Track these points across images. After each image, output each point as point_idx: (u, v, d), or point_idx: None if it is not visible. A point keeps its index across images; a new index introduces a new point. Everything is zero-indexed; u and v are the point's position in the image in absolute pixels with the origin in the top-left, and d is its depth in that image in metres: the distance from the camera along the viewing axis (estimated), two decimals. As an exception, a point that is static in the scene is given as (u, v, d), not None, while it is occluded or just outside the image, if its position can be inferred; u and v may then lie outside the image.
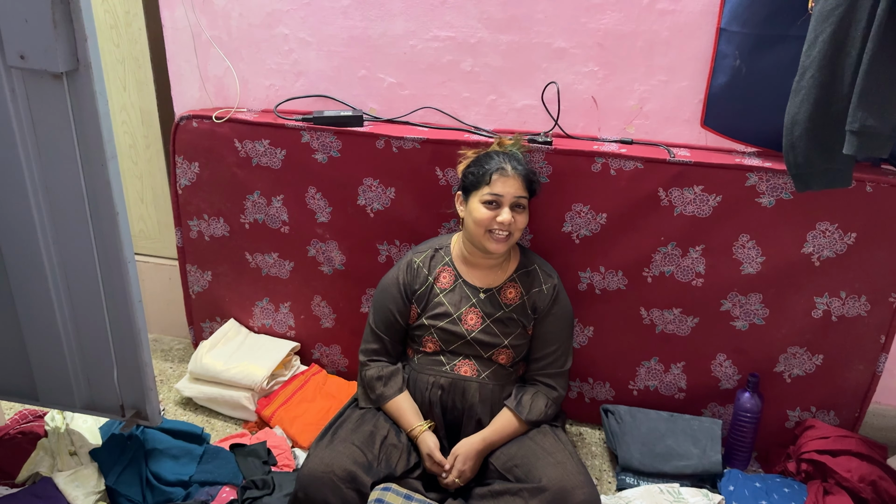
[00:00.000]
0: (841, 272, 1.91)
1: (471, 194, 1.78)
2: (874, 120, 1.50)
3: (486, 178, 1.74)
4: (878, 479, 1.81)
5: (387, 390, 1.85)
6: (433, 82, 2.10)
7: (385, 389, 1.85)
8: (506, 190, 1.73)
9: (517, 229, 1.77)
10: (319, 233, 2.23)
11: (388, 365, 1.91)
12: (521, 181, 1.76)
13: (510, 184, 1.74)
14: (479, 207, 1.75)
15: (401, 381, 1.87)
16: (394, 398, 1.84)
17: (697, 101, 1.96)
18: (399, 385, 1.86)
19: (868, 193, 1.82)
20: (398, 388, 1.86)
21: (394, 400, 1.84)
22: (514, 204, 1.74)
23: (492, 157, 1.79)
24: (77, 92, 1.44)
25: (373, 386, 1.87)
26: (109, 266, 1.61)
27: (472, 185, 1.78)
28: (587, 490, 1.59)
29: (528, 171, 1.79)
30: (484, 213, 1.74)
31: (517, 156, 1.81)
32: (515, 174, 1.75)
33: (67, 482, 1.76)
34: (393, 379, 1.87)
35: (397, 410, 1.83)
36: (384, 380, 1.87)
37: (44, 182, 1.54)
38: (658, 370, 2.14)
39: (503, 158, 1.77)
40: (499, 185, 1.73)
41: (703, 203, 1.92)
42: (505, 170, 1.74)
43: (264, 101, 2.25)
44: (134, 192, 2.57)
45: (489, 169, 1.75)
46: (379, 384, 1.87)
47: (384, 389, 1.86)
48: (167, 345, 2.67)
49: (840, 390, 2.04)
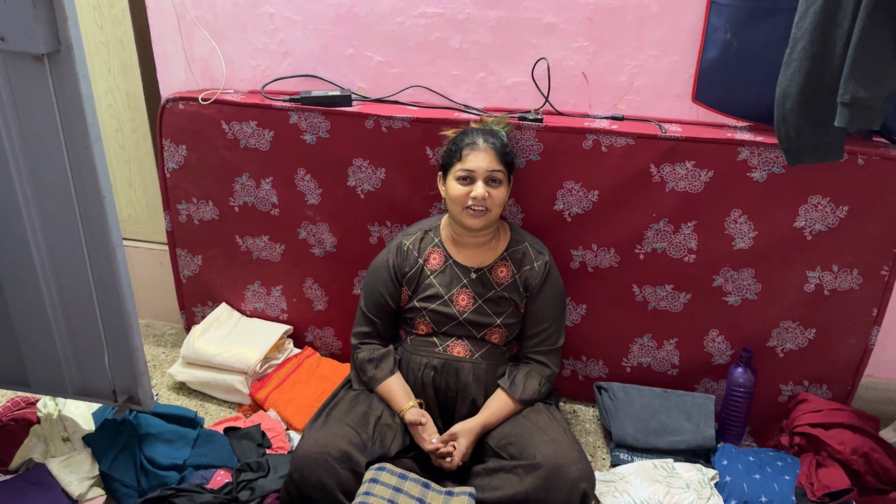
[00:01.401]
0: (833, 246, 1.91)
1: (447, 172, 1.78)
2: (866, 91, 1.49)
3: (458, 155, 1.75)
4: (871, 451, 1.82)
5: (378, 373, 1.85)
6: (422, 60, 2.07)
7: (376, 372, 1.85)
8: (477, 164, 1.72)
9: (494, 204, 1.75)
10: (310, 215, 2.21)
11: (380, 347, 1.90)
12: (494, 154, 1.74)
13: (481, 157, 1.73)
14: (453, 184, 1.75)
15: (392, 362, 1.87)
16: (385, 380, 1.84)
17: (688, 75, 1.94)
18: (390, 367, 1.86)
19: (860, 166, 1.82)
20: (389, 370, 1.85)
21: (385, 382, 1.84)
22: (487, 178, 1.73)
23: (467, 133, 1.79)
24: (59, 74, 1.43)
25: (364, 368, 1.87)
26: (97, 251, 1.59)
27: (447, 163, 1.78)
28: (581, 466, 1.60)
29: (502, 143, 1.78)
30: (459, 190, 1.73)
31: (494, 131, 1.80)
32: (487, 147, 1.74)
33: (61, 468, 1.76)
34: (384, 361, 1.87)
35: (388, 392, 1.83)
36: (375, 362, 1.86)
37: (28, 166, 1.52)
38: (651, 347, 2.14)
39: (476, 134, 1.77)
40: (470, 159, 1.73)
41: (695, 178, 1.91)
42: (476, 144, 1.74)
43: (251, 81, 2.22)
44: (122, 176, 2.54)
45: (461, 146, 1.75)
46: (370, 367, 1.86)
47: (375, 372, 1.85)
48: (159, 330, 2.66)
49: (832, 364, 2.05)
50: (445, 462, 1.73)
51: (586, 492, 1.58)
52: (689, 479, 1.83)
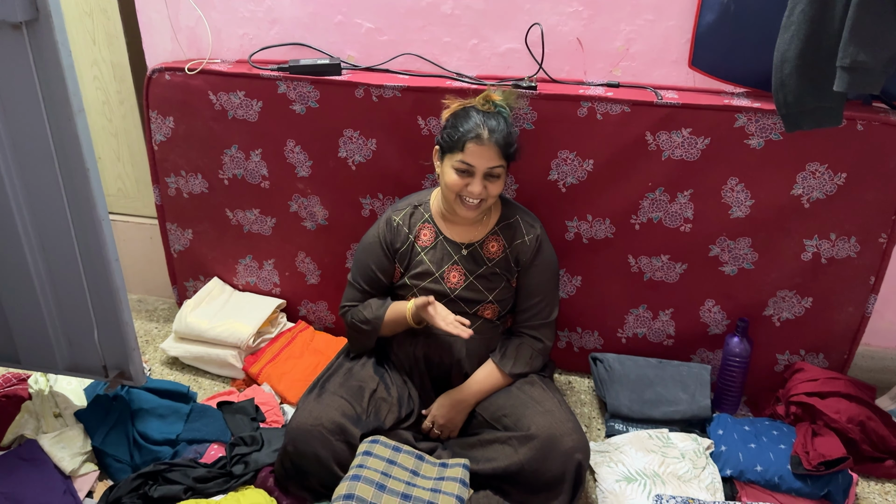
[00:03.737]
0: (830, 213, 1.89)
1: (445, 155, 1.71)
2: (866, 55, 1.46)
3: (460, 145, 1.65)
4: (867, 420, 1.82)
5: (378, 311, 1.80)
6: (412, 27, 2.03)
7: (377, 311, 1.80)
8: (478, 161, 1.64)
9: (490, 196, 1.70)
10: (300, 187, 2.18)
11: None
12: (497, 150, 1.65)
13: (484, 154, 1.64)
14: (450, 172, 1.68)
15: (383, 300, 1.84)
16: (386, 312, 1.80)
17: (685, 40, 1.90)
18: (382, 301, 1.83)
19: (859, 132, 1.78)
20: (383, 303, 1.82)
21: (388, 312, 1.80)
22: (486, 174, 1.67)
23: (471, 117, 1.67)
24: (38, 43, 1.39)
25: (362, 318, 1.82)
26: (83, 225, 1.57)
27: (447, 146, 1.69)
28: (576, 437, 1.59)
29: (506, 137, 1.67)
30: (455, 180, 1.67)
31: (502, 114, 1.70)
32: (491, 143, 1.64)
33: (53, 444, 1.75)
34: (374, 302, 1.84)
35: (395, 314, 1.79)
36: (368, 306, 1.83)
37: (10, 139, 1.49)
38: (646, 317, 2.13)
39: (481, 122, 1.65)
40: (472, 154, 1.64)
41: (692, 146, 1.88)
42: (481, 137, 1.63)
43: (238, 51, 2.17)
44: (110, 150, 2.50)
45: (465, 134, 1.64)
46: (366, 311, 1.82)
47: (374, 312, 1.81)
48: (152, 305, 2.64)
49: (829, 333, 2.04)
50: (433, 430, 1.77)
51: (581, 462, 1.57)
52: (685, 449, 1.83)
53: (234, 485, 1.70)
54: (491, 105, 1.70)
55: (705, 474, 1.76)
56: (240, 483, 1.71)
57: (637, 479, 1.74)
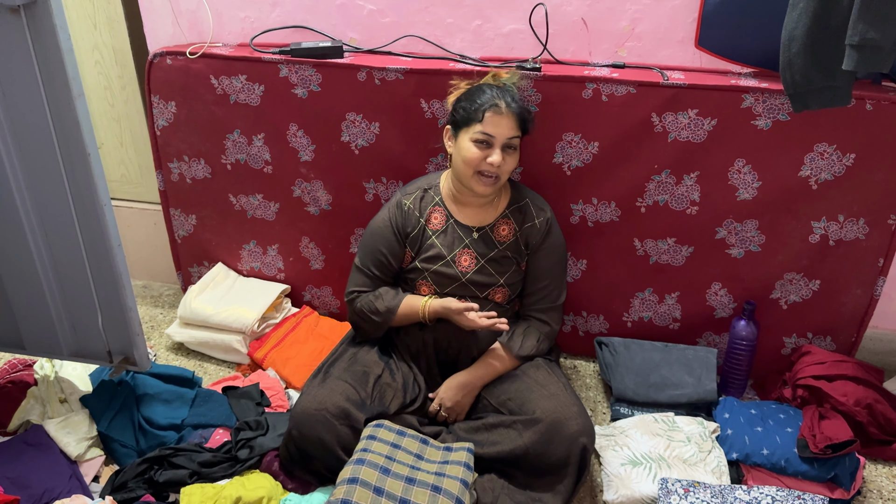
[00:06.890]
0: (839, 195, 1.87)
1: (461, 130, 1.70)
2: (875, 32, 1.43)
3: (479, 115, 1.65)
4: (874, 403, 1.81)
5: (391, 303, 1.79)
6: (415, 8, 2.00)
7: (389, 303, 1.79)
8: (498, 130, 1.65)
9: (505, 171, 1.70)
10: (304, 172, 2.17)
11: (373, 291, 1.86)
12: (515, 120, 1.67)
13: (503, 123, 1.65)
14: (469, 146, 1.67)
15: (394, 291, 1.83)
16: (400, 304, 1.79)
17: (691, 20, 1.87)
18: (395, 292, 1.82)
19: (868, 112, 1.76)
20: (396, 294, 1.81)
21: (401, 305, 1.79)
22: (505, 145, 1.67)
23: (485, 90, 1.69)
24: (37, 26, 1.38)
25: (372, 308, 1.81)
26: (86, 210, 1.57)
27: (463, 120, 1.69)
28: (581, 421, 1.59)
29: (522, 109, 1.69)
30: (474, 153, 1.67)
31: (512, 91, 1.72)
32: (509, 112, 1.66)
33: (58, 429, 1.76)
34: (387, 293, 1.82)
35: (408, 309, 1.79)
36: (380, 297, 1.82)
37: (10, 123, 1.49)
38: (652, 301, 2.12)
39: (497, 94, 1.67)
40: (491, 124, 1.65)
41: (698, 127, 1.85)
42: (499, 107, 1.65)
43: (239, 34, 2.15)
44: (112, 135, 2.49)
45: (482, 105, 1.65)
46: (377, 303, 1.81)
47: (387, 304, 1.80)
48: (157, 291, 2.64)
49: (837, 315, 2.02)
50: (441, 413, 1.76)
51: (586, 446, 1.57)
52: (690, 433, 1.82)
53: (239, 469, 1.70)
54: (501, 83, 1.74)
55: (711, 458, 1.75)
56: (245, 467, 1.71)
57: (642, 462, 1.74)
